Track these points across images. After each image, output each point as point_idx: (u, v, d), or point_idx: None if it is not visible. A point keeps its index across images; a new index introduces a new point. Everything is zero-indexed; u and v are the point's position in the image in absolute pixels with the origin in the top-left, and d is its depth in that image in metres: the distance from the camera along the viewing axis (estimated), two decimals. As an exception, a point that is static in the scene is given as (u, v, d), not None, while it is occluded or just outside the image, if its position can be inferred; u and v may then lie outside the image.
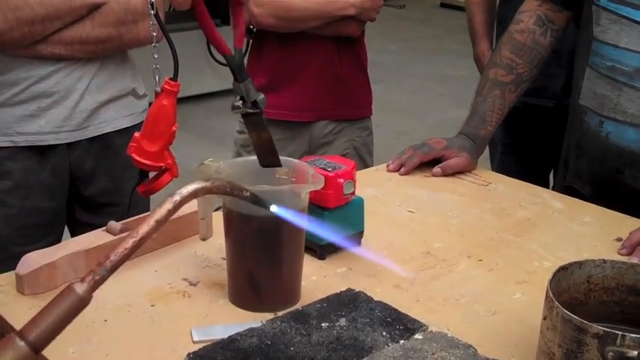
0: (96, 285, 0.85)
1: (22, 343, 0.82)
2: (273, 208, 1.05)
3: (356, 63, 2.37)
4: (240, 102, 1.15)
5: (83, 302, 0.84)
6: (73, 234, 1.92)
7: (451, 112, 5.78)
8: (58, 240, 1.91)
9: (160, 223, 0.90)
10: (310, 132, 2.35)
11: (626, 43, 1.60)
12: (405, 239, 1.44)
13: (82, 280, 0.85)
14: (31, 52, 1.75)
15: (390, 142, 4.51)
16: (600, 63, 1.66)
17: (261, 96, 1.16)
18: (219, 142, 5.14)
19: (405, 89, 7.01)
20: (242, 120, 2.33)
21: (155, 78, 1.30)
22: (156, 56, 1.33)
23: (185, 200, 0.93)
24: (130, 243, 0.88)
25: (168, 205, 0.91)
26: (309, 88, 2.28)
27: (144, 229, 0.89)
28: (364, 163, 2.39)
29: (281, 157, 1.23)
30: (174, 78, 1.26)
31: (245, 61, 1.32)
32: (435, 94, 6.87)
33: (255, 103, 1.15)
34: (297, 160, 1.24)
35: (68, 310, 0.84)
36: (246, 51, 2.18)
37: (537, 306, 1.04)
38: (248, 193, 1.02)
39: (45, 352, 1.02)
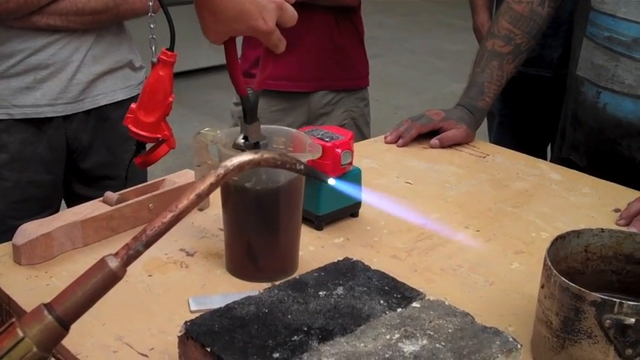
0: (130, 260, 0.81)
1: (50, 317, 0.79)
2: (331, 181, 1.02)
3: (354, 34, 2.36)
4: (243, 141, 1.16)
5: (116, 277, 0.80)
6: (71, 207, 1.91)
7: (449, 86, 5.77)
8: (56, 213, 1.90)
9: (200, 197, 0.83)
10: (308, 102, 2.35)
11: (624, 12, 1.59)
12: (403, 210, 1.44)
13: (116, 255, 0.80)
14: (27, 23, 1.74)
15: (389, 117, 4.50)
16: (598, 33, 1.65)
17: (265, 141, 1.17)
18: (216, 116, 5.14)
19: (404, 64, 6.99)
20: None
21: (152, 48, 1.29)
22: (152, 26, 1.32)
23: (230, 174, 0.85)
24: (167, 217, 0.82)
25: (211, 179, 0.84)
26: (308, 58, 2.28)
27: (184, 202, 0.82)
28: (362, 133, 2.39)
29: (279, 127, 1.23)
30: (171, 48, 1.26)
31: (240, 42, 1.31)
32: (434, 68, 6.85)
33: (256, 145, 1.16)
34: (294, 130, 1.24)
35: (100, 284, 0.80)
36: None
37: (535, 276, 1.04)
38: (302, 166, 0.92)
39: (42, 322, 1.03)
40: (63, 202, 2.05)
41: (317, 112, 2.36)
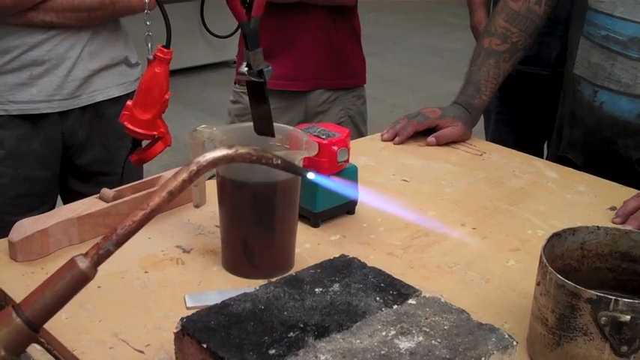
0: (100, 260, 0.80)
1: (18, 320, 0.77)
2: (310, 175, 0.99)
3: (351, 32, 2.36)
4: (247, 69, 1.15)
5: (86, 278, 0.79)
6: (66, 203, 1.91)
7: (446, 84, 5.76)
8: (52, 209, 1.90)
9: (173, 195, 0.81)
10: (306, 101, 2.35)
11: (621, 12, 1.59)
12: (399, 207, 1.44)
13: (86, 255, 0.79)
14: (23, 19, 1.74)
15: (385, 115, 4.49)
16: (595, 32, 1.65)
17: (268, 67, 1.16)
18: (212, 113, 5.13)
19: (400, 62, 6.99)
20: (235, 89, 2.32)
21: (147, 45, 1.29)
22: (148, 23, 1.32)
23: (203, 170, 0.83)
24: (138, 216, 0.81)
25: (183, 175, 0.82)
26: (305, 57, 2.27)
27: (155, 200, 0.80)
28: (359, 131, 2.39)
29: (275, 124, 1.23)
30: (167, 45, 1.26)
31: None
32: (431, 66, 6.85)
33: (260, 73, 1.15)
34: (291, 127, 1.24)
35: (69, 286, 0.79)
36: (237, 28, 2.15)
37: (531, 273, 1.04)
38: (279, 161, 0.89)
39: (38, 318, 1.03)
40: (59, 198, 2.05)
41: (314, 110, 2.36)
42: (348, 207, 1.37)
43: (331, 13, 2.28)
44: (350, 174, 1.34)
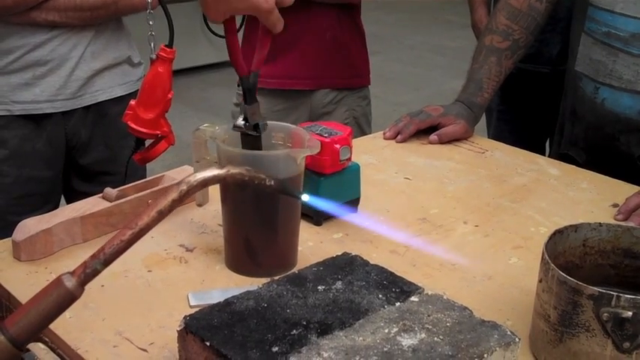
0: (87, 279, 0.79)
1: (2, 338, 0.76)
2: (305, 197, 1.02)
3: (355, 31, 2.35)
4: (243, 122, 1.16)
5: (72, 297, 0.78)
6: (70, 203, 1.92)
7: (449, 83, 5.76)
8: (55, 209, 1.91)
9: (162, 215, 0.81)
10: (310, 101, 2.33)
11: (622, 8, 1.59)
12: (402, 206, 1.44)
13: (73, 273, 0.78)
14: (25, 19, 1.74)
15: (388, 113, 4.49)
16: (596, 29, 1.65)
17: (264, 122, 1.17)
18: (215, 113, 5.13)
19: (403, 60, 6.99)
20: (239, 91, 2.30)
21: (150, 45, 1.30)
22: (151, 23, 1.33)
23: (193, 190, 0.82)
24: (127, 235, 0.80)
25: (173, 195, 0.82)
26: (310, 54, 2.26)
27: (144, 220, 0.80)
28: (363, 132, 2.38)
29: (277, 123, 1.23)
30: (170, 45, 1.26)
31: (240, 36, 1.32)
32: (433, 65, 6.85)
33: (256, 127, 1.16)
34: (293, 126, 1.24)
35: (55, 304, 0.78)
36: (242, 25, 2.15)
37: (533, 271, 1.04)
38: (272, 182, 0.89)
39: (42, 317, 1.03)
40: (62, 198, 2.05)
41: (319, 111, 2.35)
42: (350, 205, 1.37)
43: (336, 10, 2.27)
44: (352, 172, 1.35)
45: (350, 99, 2.37)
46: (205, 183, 0.83)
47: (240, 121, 1.16)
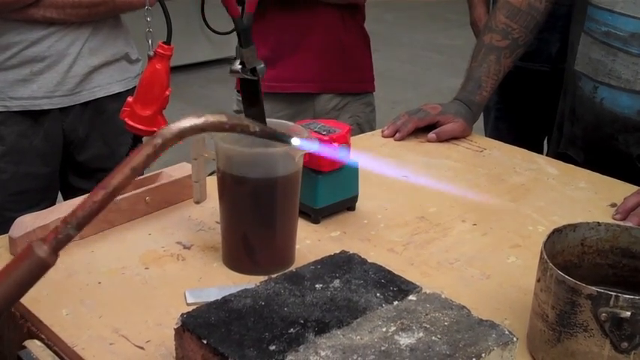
0: (59, 245, 0.72)
1: None
2: (295, 141, 0.93)
3: (359, 33, 2.32)
4: (240, 67, 1.14)
5: (45, 265, 0.71)
6: (67, 199, 1.91)
7: (447, 81, 5.75)
8: (52, 205, 1.90)
9: (136, 172, 0.73)
10: (314, 107, 2.30)
11: (622, 7, 1.59)
12: (400, 204, 1.44)
13: (44, 240, 0.71)
14: (23, 15, 1.74)
15: (386, 112, 4.48)
16: (595, 28, 1.65)
17: (261, 65, 1.14)
18: (213, 110, 5.12)
19: (401, 58, 6.98)
20: (239, 97, 2.28)
21: (148, 42, 1.29)
22: (149, 19, 1.32)
23: (169, 142, 0.74)
24: (99, 195, 0.72)
25: (147, 149, 0.73)
26: (313, 57, 2.23)
27: (117, 178, 0.72)
28: None
29: (276, 120, 1.23)
30: (168, 41, 1.26)
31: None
32: (431, 63, 6.85)
33: (253, 70, 1.14)
34: (291, 123, 1.23)
35: (28, 274, 0.71)
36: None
37: (531, 270, 1.04)
38: (257, 128, 0.81)
39: (38, 314, 1.03)
40: (59, 194, 2.05)
41: (322, 116, 2.32)
42: (348, 203, 1.37)
43: (340, 12, 2.24)
44: (351, 170, 1.34)
45: (354, 105, 2.35)
46: (182, 134, 0.74)
47: (237, 66, 1.14)
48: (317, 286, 0.97)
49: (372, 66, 2.41)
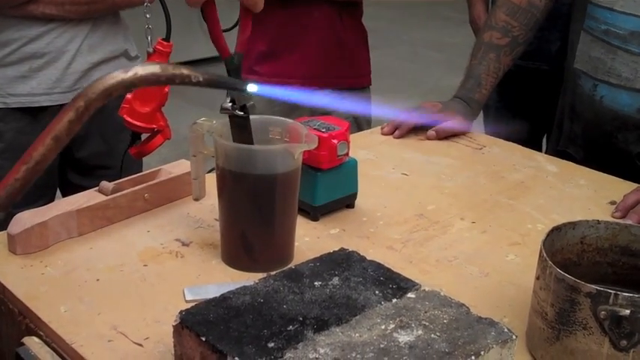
0: None
1: None
2: (252, 87, 0.89)
3: (357, 29, 2.32)
4: (230, 104, 1.14)
5: None
6: (66, 196, 1.91)
7: (446, 79, 5.74)
8: (51, 202, 1.90)
9: (60, 141, 0.67)
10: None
11: (622, 6, 1.59)
12: (399, 201, 1.44)
13: None
14: (22, 12, 1.73)
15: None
16: (595, 26, 1.65)
17: (251, 102, 1.15)
18: (211, 107, 5.08)
19: (401, 56, 6.97)
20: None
21: (147, 38, 1.29)
22: (148, 16, 1.32)
23: (94, 104, 0.66)
24: (21, 171, 0.67)
25: (69, 115, 0.66)
26: (311, 53, 2.22)
27: (39, 151, 0.66)
28: None
29: (275, 117, 1.22)
30: (167, 38, 1.26)
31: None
32: (431, 61, 6.84)
33: (244, 108, 1.14)
34: (290, 120, 1.23)
35: None
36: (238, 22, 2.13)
37: (530, 268, 1.04)
38: (201, 78, 0.74)
39: (36, 311, 1.03)
40: (58, 191, 2.05)
41: (319, 111, 2.32)
42: (347, 200, 1.37)
43: (338, 8, 2.24)
44: (350, 168, 1.34)
45: (350, 100, 2.35)
46: (108, 93, 0.67)
47: (227, 103, 1.15)
48: (316, 283, 0.96)
49: (369, 60, 2.41)
